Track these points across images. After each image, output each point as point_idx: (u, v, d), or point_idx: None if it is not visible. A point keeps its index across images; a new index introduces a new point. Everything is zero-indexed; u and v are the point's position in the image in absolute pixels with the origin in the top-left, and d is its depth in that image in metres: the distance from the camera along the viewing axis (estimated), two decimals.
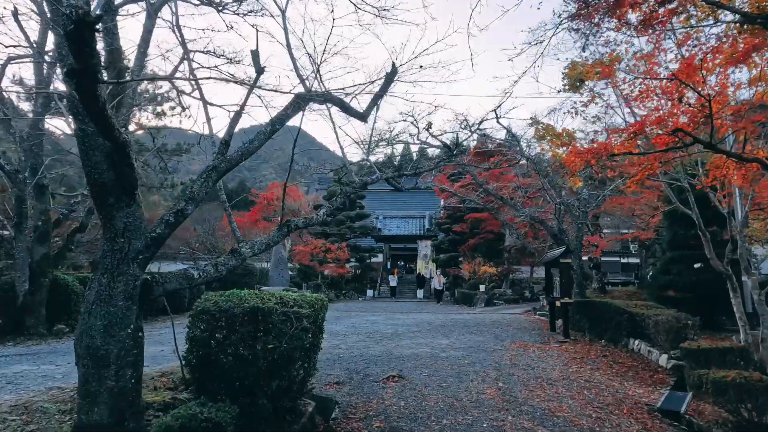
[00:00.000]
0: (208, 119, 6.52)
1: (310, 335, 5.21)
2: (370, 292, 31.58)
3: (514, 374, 7.80)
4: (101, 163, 3.78)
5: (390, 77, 6.62)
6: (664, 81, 5.20)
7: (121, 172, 3.78)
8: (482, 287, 24.51)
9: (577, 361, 9.05)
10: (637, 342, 9.94)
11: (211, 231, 36.02)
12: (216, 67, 11.23)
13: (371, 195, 42.94)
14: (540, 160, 13.97)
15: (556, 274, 13.73)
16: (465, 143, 10.34)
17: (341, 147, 8.41)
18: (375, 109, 9.50)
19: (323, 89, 6.06)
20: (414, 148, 45.48)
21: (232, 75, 9.62)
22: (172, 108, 36.62)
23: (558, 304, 12.03)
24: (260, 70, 5.10)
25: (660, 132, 5.05)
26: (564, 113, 8.67)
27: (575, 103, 8.62)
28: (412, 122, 11.84)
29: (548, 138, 8.85)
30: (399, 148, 43.09)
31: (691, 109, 4.82)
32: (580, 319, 12.60)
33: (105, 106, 2.83)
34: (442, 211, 37.46)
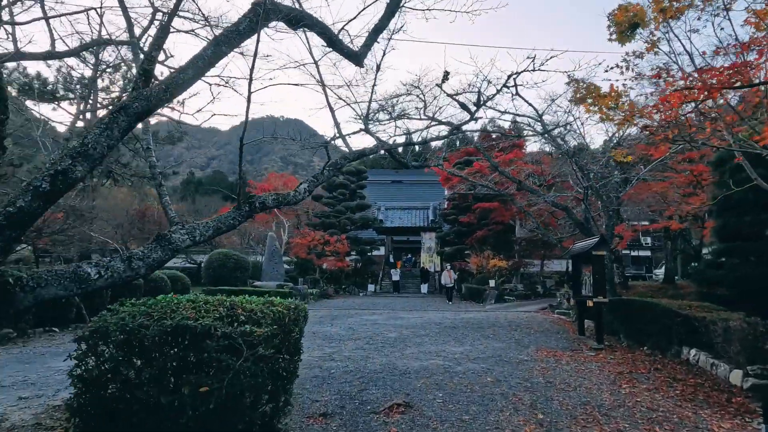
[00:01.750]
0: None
1: (279, 361, 3.48)
2: (371, 287, 29.91)
3: (553, 398, 6.07)
4: None
5: (394, 3, 4.84)
6: None
7: None
8: (492, 282, 22.78)
9: (625, 377, 7.31)
10: (693, 352, 8.18)
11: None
12: (193, 31, 9.38)
13: (372, 186, 41.21)
14: (566, 140, 12.18)
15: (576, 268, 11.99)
16: (469, 130, 8.54)
17: (332, 111, 6.70)
18: (377, 70, 7.73)
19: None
20: (418, 126, 43.48)
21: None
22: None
23: (590, 303, 10.29)
24: None
25: None
26: (611, 68, 6.88)
27: (626, 54, 6.81)
28: (418, 95, 10.08)
29: (590, 100, 7.07)
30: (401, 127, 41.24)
31: None
32: (613, 321, 10.85)
33: None
34: (446, 202, 35.72)
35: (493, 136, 32.20)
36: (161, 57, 8.21)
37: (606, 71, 7.04)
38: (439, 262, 33.38)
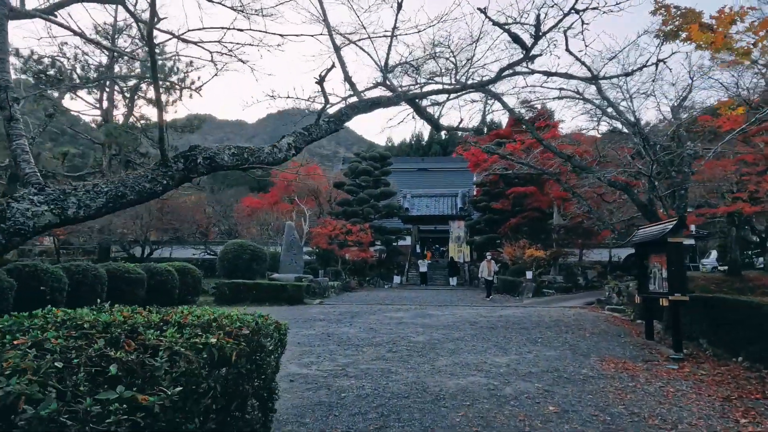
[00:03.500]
0: None
1: None
2: (397, 279, 28.27)
3: None
4: None
5: None
6: None
7: None
8: (529, 274, 20.81)
9: (735, 405, 5.44)
10: None
11: (224, 212, 33.33)
12: None
13: (397, 174, 39.52)
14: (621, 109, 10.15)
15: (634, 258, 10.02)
16: (523, 72, 6.67)
17: (337, 50, 5.04)
18: (398, 8, 6.02)
19: None
20: (451, 98, 41.37)
21: None
22: (182, 80, 33.35)
23: (664, 302, 8.36)
24: None
25: None
26: None
27: None
28: (448, 58, 8.28)
29: (685, 32, 5.17)
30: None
31: None
32: (691, 323, 8.90)
33: None
34: (476, 188, 33.75)
35: (526, 117, 29.91)
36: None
37: None
38: (468, 253, 31.52)
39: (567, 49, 9.73)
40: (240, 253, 20.05)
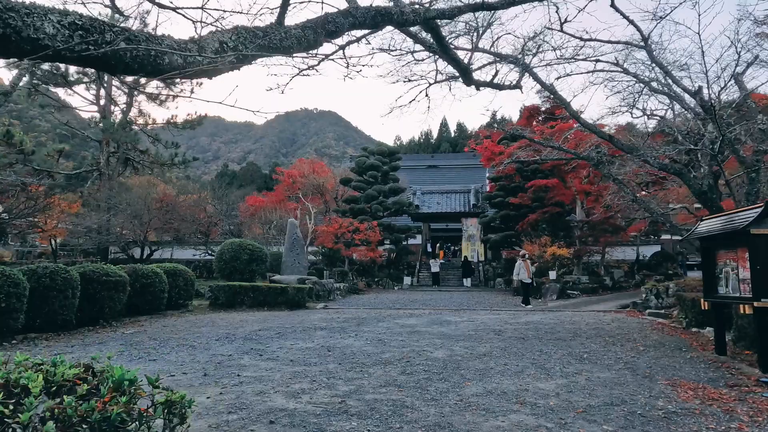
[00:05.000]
0: None
1: None
2: (407, 280, 26.68)
3: None
4: None
5: None
6: None
7: None
8: (552, 274, 19.11)
9: None
10: None
11: (227, 211, 31.92)
12: None
13: (406, 171, 37.94)
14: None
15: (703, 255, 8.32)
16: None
17: None
18: None
19: None
20: (475, 60, 39.02)
21: None
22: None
23: (745, 309, 6.69)
24: None
25: None
26: None
27: None
28: (467, 22, 6.69)
29: None
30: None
31: None
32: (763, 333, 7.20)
33: None
34: (489, 183, 32.06)
35: (542, 108, 28.20)
36: None
37: None
38: (482, 251, 29.84)
39: (612, 5, 8.21)
40: (238, 253, 18.56)
